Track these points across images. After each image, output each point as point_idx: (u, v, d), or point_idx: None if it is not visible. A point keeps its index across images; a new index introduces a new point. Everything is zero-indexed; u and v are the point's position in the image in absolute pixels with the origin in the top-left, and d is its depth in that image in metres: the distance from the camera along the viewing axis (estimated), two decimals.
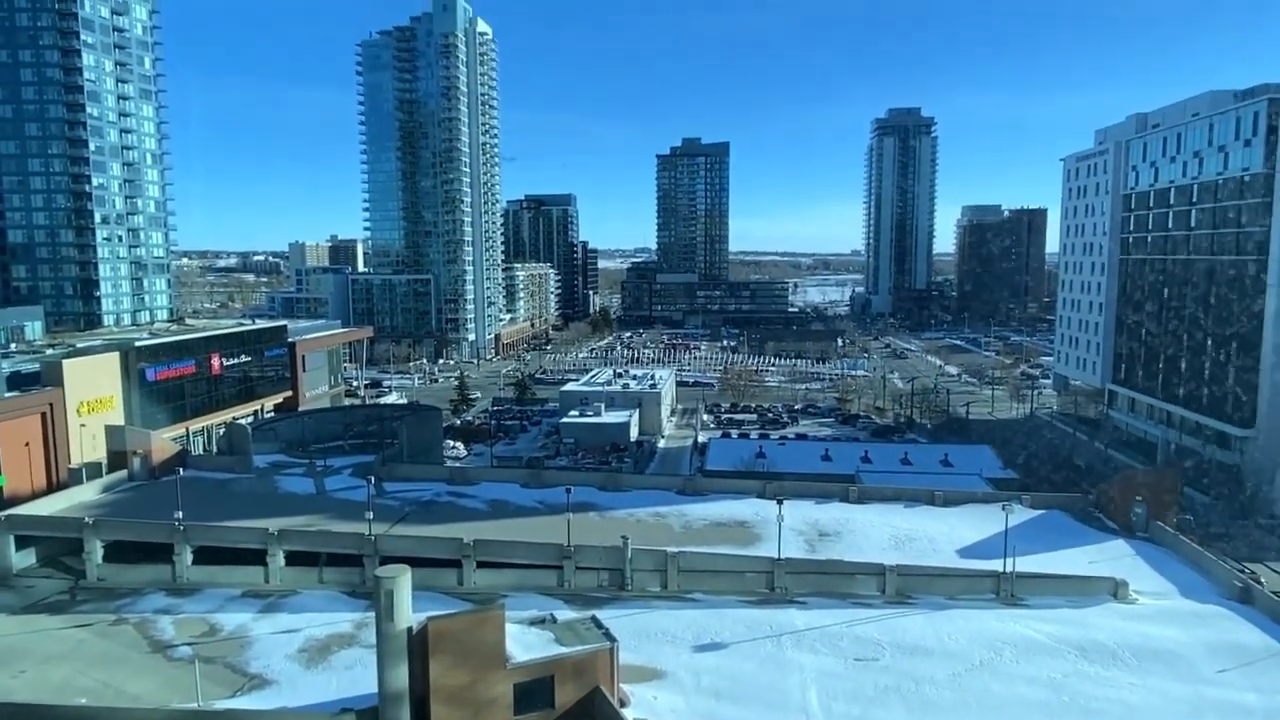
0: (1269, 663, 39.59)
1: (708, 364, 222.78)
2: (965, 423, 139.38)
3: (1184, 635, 42.22)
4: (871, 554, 51.84)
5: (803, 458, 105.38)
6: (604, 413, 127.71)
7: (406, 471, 69.04)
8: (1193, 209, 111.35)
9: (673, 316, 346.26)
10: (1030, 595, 47.34)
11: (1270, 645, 41.17)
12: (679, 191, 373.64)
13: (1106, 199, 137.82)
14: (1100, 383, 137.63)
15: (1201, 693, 36.89)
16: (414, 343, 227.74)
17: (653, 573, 48.96)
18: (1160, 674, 38.53)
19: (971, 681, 38.24)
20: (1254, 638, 42.04)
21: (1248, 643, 41.51)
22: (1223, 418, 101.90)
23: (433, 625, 33.52)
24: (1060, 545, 55.05)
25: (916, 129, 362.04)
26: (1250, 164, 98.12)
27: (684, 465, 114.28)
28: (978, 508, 61.91)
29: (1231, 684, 37.69)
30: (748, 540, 54.80)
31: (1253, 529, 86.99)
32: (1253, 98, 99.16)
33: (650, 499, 63.50)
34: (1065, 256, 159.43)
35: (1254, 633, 42.57)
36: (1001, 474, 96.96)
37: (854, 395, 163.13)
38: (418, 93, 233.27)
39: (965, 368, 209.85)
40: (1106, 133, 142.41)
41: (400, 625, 33.26)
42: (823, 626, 43.45)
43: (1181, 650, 40.68)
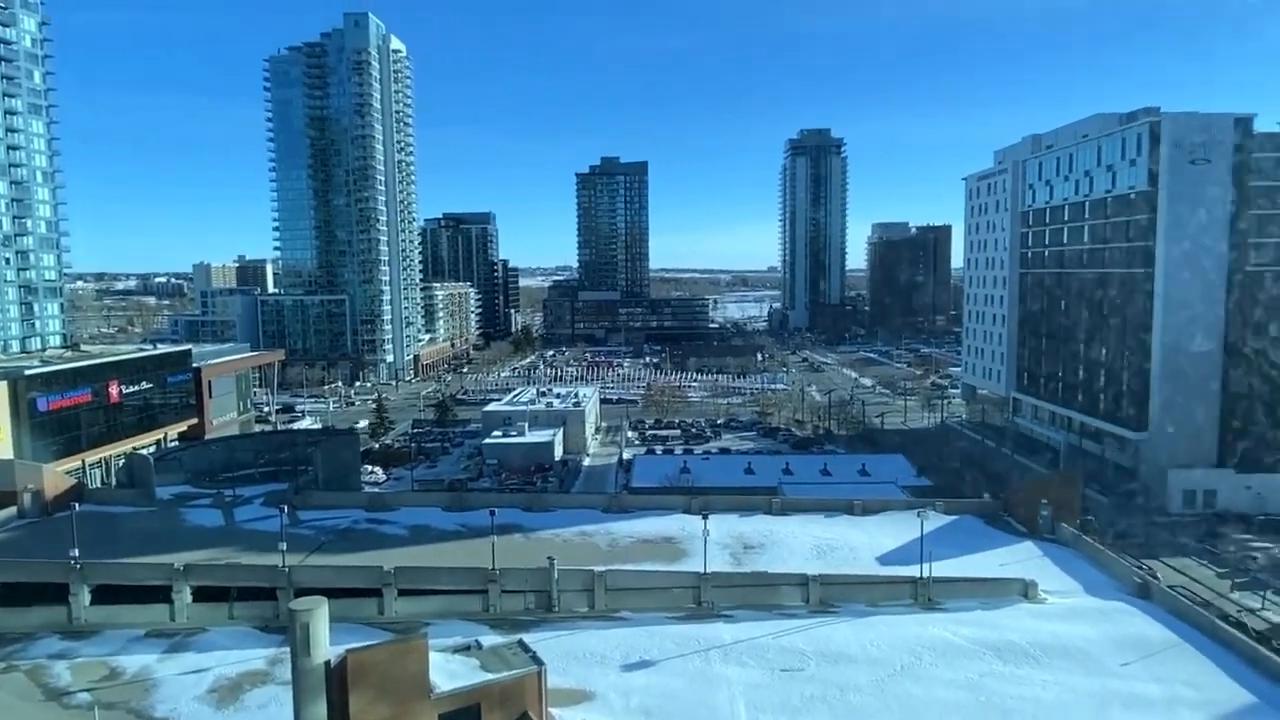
0: (1167, 654, 41.73)
1: (631, 381, 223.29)
2: (880, 433, 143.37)
3: (1090, 631, 44.13)
4: (795, 564, 52.59)
5: (726, 471, 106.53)
6: (528, 432, 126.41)
7: (322, 499, 66.73)
8: (1085, 225, 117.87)
9: (595, 334, 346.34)
10: (946, 599, 48.74)
11: (1168, 637, 43.40)
12: (599, 210, 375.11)
13: (1006, 216, 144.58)
14: (1005, 391, 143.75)
15: (1108, 686, 38.57)
16: (329, 365, 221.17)
17: (580, 593, 48.48)
18: (1069, 670, 40.14)
19: (894, 686, 39.05)
20: (1153, 631, 44.26)
21: (1148, 636, 43.68)
22: (1118, 422, 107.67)
23: (352, 658, 32.29)
24: (973, 549, 56.98)
25: (827, 149, 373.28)
26: (1136, 182, 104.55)
27: (609, 483, 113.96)
28: (894, 515, 63.56)
29: (1135, 676, 39.54)
30: (674, 556, 54.88)
31: (1148, 527, 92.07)
32: (1136, 120, 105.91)
33: (576, 518, 62.99)
34: (969, 271, 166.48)
35: (1153, 626, 44.82)
36: (916, 482, 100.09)
37: (774, 408, 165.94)
38: (329, 109, 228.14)
39: (879, 379, 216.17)
40: (1005, 153, 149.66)
41: (317, 659, 31.93)
42: (750, 639, 43.74)
43: (1088, 646, 42.50)
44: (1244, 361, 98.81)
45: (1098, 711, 36.14)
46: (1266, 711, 36.05)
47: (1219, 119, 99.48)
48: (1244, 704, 36.83)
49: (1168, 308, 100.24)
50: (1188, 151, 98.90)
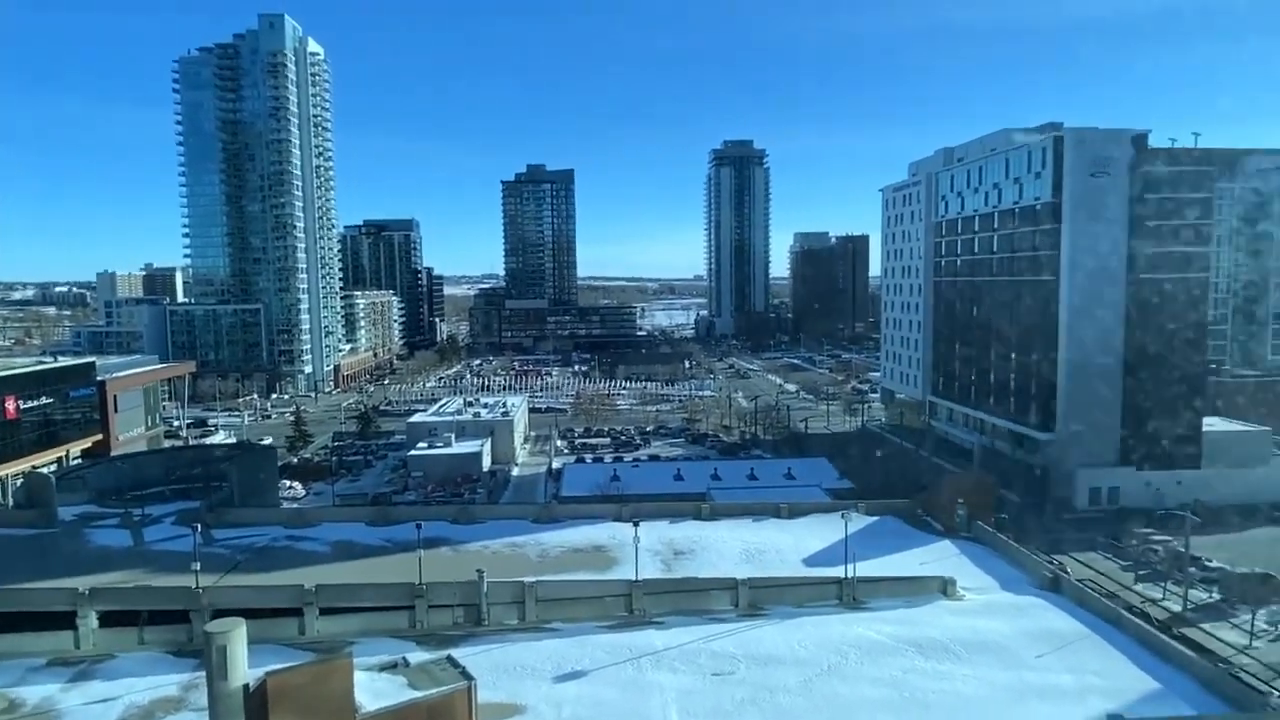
0: (1078, 645, 43.69)
1: (560, 389, 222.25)
2: (805, 437, 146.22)
3: (1006, 626, 45.86)
4: (725, 569, 53.13)
5: (656, 478, 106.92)
6: (454, 443, 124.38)
7: (238, 516, 64.27)
8: (995, 235, 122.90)
9: (523, 343, 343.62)
10: (870, 598, 49.98)
11: (1079, 629, 45.45)
12: (526, 218, 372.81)
13: (920, 226, 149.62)
14: (922, 395, 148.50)
15: (1023, 678, 40.12)
16: (243, 377, 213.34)
17: (510, 605, 47.92)
18: (987, 664, 41.61)
19: (821, 686, 39.79)
20: (1065, 623, 46.28)
21: (1060, 628, 45.65)
22: (1027, 424, 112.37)
23: (272, 680, 31.16)
24: (894, 549, 58.58)
25: (750, 160, 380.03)
26: (1041, 194, 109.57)
27: (539, 492, 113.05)
28: (819, 517, 64.86)
29: (1049, 668, 41.25)
30: (605, 564, 54.77)
31: (1057, 523, 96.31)
32: (1041, 134, 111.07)
33: (505, 529, 62.27)
34: (887, 279, 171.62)
35: (1064, 618, 46.87)
36: (839, 484, 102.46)
37: (702, 415, 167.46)
38: (243, 113, 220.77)
39: (803, 385, 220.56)
40: (919, 165, 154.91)
41: (235, 683, 30.71)
42: (681, 645, 43.96)
43: (1004, 640, 44.15)
44: (1141, 366, 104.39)
45: (1014, 703, 37.54)
46: (1169, 697, 38.06)
47: (1117, 134, 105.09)
48: (1148, 691, 38.80)
49: (1071, 314, 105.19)
50: (1088, 165, 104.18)
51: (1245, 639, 65.64)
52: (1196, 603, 72.82)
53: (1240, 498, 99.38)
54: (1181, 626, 64.65)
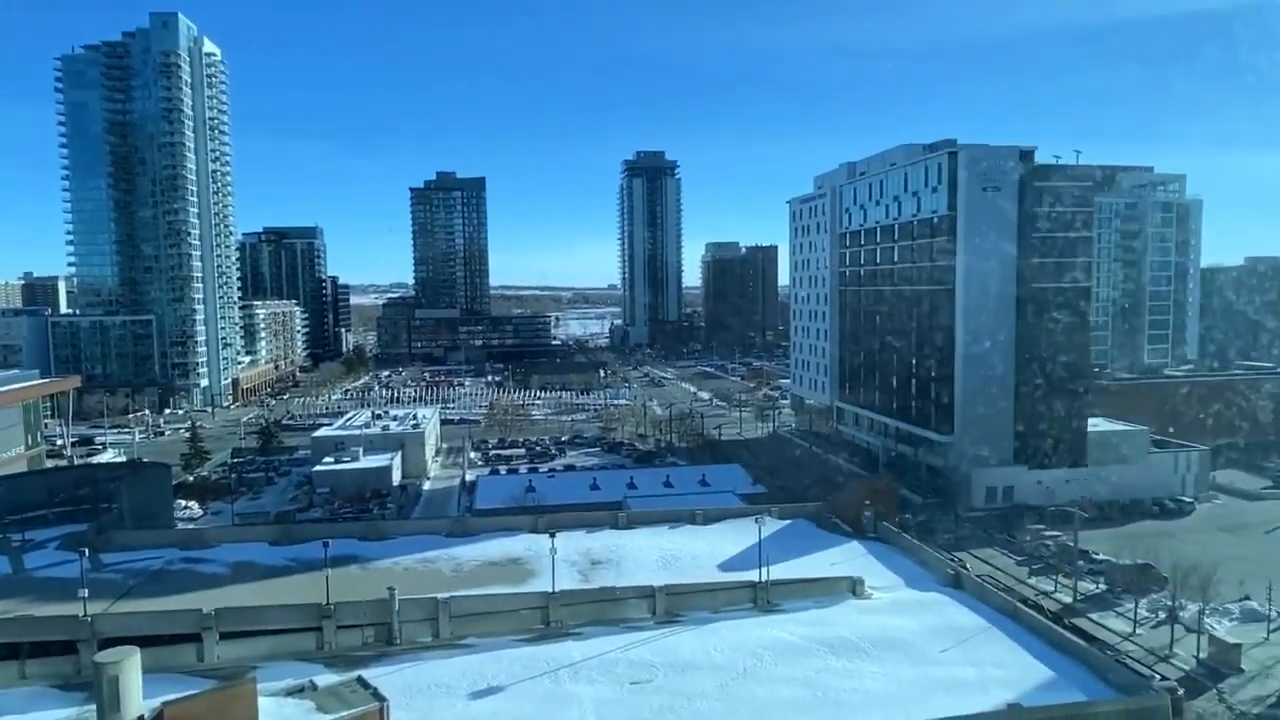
0: (978, 638, 45.64)
1: (473, 400, 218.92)
2: (718, 444, 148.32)
3: (912, 623, 47.51)
4: (642, 577, 53.29)
5: (572, 488, 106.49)
6: (362, 457, 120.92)
7: (129, 539, 60.75)
8: (895, 246, 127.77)
9: (434, 353, 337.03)
10: (783, 600, 50.98)
11: (979, 623, 47.50)
12: (436, 225, 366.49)
13: (826, 237, 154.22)
14: (830, 400, 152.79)
15: (929, 673, 41.63)
16: (133, 392, 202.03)
17: (423, 622, 46.82)
18: (895, 660, 43.01)
19: (737, 690, 40.34)
20: (966, 618, 48.29)
21: (962, 623, 47.60)
22: (928, 427, 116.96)
23: (169, 710, 29.63)
24: (805, 551, 60.00)
25: (662, 171, 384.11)
26: (937, 207, 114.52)
27: (452, 506, 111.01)
28: (734, 523, 65.88)
29: (952, 662, 42.93)
30: (522, 577, 54.18)
31: (957, 522, 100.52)
32: (937, 151, 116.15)
33: (417, 545, 60.89)
34: (795, 289, 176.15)
35: (966, 613, 48.90)
36: (752, 489, 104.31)
37: (618, 423, 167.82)
38: (133, 114, 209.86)
39: (716, 393, 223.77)
40: (824, 178, 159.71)
41: (129, 715, 29.09)
42: (599, 655, 43.83)
43: (910, 637, 45.73)
44: (1031, 370, 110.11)
45: (921, 698, 38.87)
46: (1062, 685, 40.16)
47: (1006, 150, 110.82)
48: (1044, 680, 40.85)
49: (966, 322, 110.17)
50: (980, 180, 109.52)
51: (1129, 626, 69.89)
52: (1085, 594, 77.14)
53: (1122, 493, 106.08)
54: (1072, 617, 68.45)
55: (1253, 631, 67.37)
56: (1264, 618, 68.97)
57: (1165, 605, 69.51)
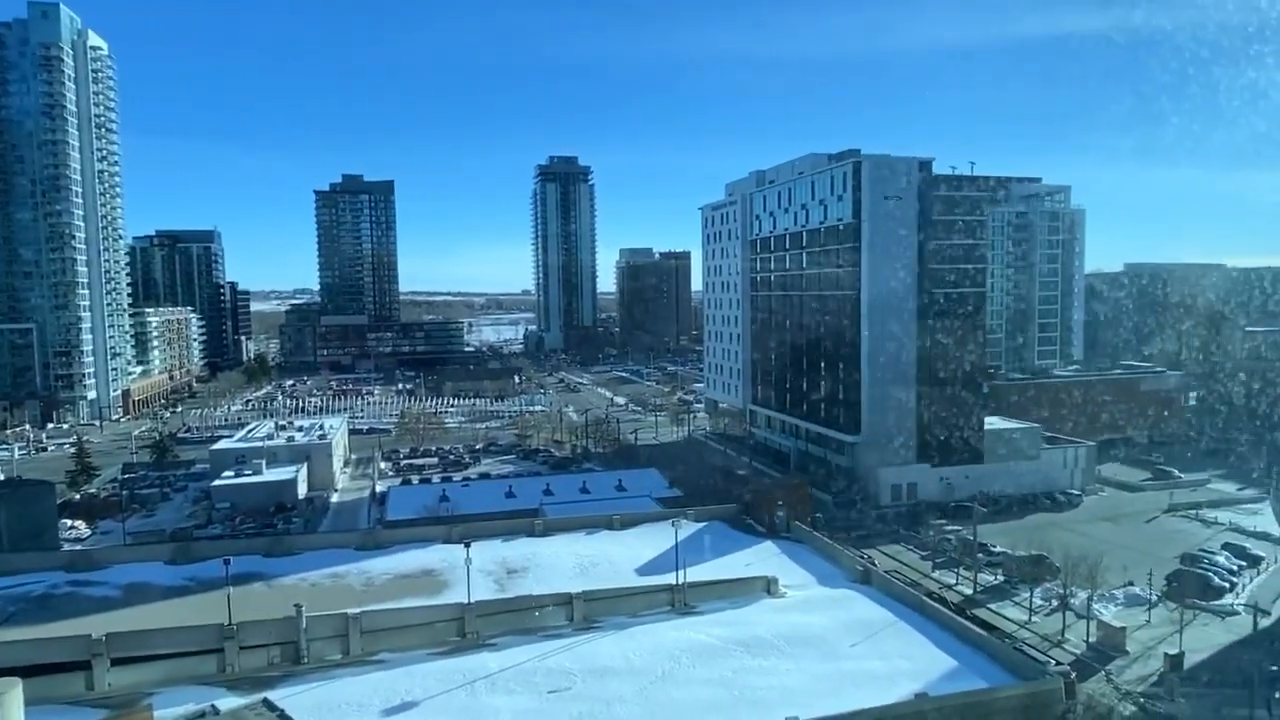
0: (886, 632, 47.25)
1: (383, 409, 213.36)
2: (635, 448, 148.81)
3: (823, 619, 48.82)
4: (559, 584, 53.07)
5: (487, 497, 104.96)
6: (265, 470, 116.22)
7: (9, 563, 56.94)
8: (804, 252, 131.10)
9: (341, 361, 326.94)
10: (700, 602, 51.63)
11: (887, 617, 49.16)
12: (342, 229, 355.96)
13: (737, 244, 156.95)
14: (743, 404, 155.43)
15: (840, 667, 42.86)
16: (12, 406, 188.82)
17: (332, 639, 45.41)
18: (809, 656, 44.10)
19: (656, 693, 40.58)
20: (874, 612, 49.91)
21: (870, 618, 49.18)
22: (836, 427, 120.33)
23: None
24: (721, 552, 60.95)
25: (575, 176, 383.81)
26: (843, 215, 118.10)
27: (362, 518, 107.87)
28: (651, 527, 66.37)
29: (862, 655, 44.31)
30: (436, 589, 53.17)
31: (866, 519, 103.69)
32: (842, 160, 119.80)
33: (325, 559, 59.07)
34: (709, 294, 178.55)
35: (874, 608, 50.55)
36: (668, 493, 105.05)
37: (533, 430, 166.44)
38: (10, 110, 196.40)
39: (632, 397, 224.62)
40: (734, 186, 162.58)
41: None
42: (516, 665, 43.40)
43: (823, 632, 46.98)
44: (932, 372, 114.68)
45: (833, 692, 39.96)
46: (965, 673, 41.96)
47: (906, 161, 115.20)
48: (948, 669, 42.59)
49: (872, 326, 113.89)
50: (883, 189, 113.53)
51: (1026, 615, 73.47)
52: (985, 585, 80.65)
53: (1017, 488, 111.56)
54: (973, 608, 71.45)
55: (1136, 615, 71.88)
56: (1146, 602, 73.64)
57: (1058, 593, 73.33)
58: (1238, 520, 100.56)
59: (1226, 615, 72.26)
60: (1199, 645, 65.30)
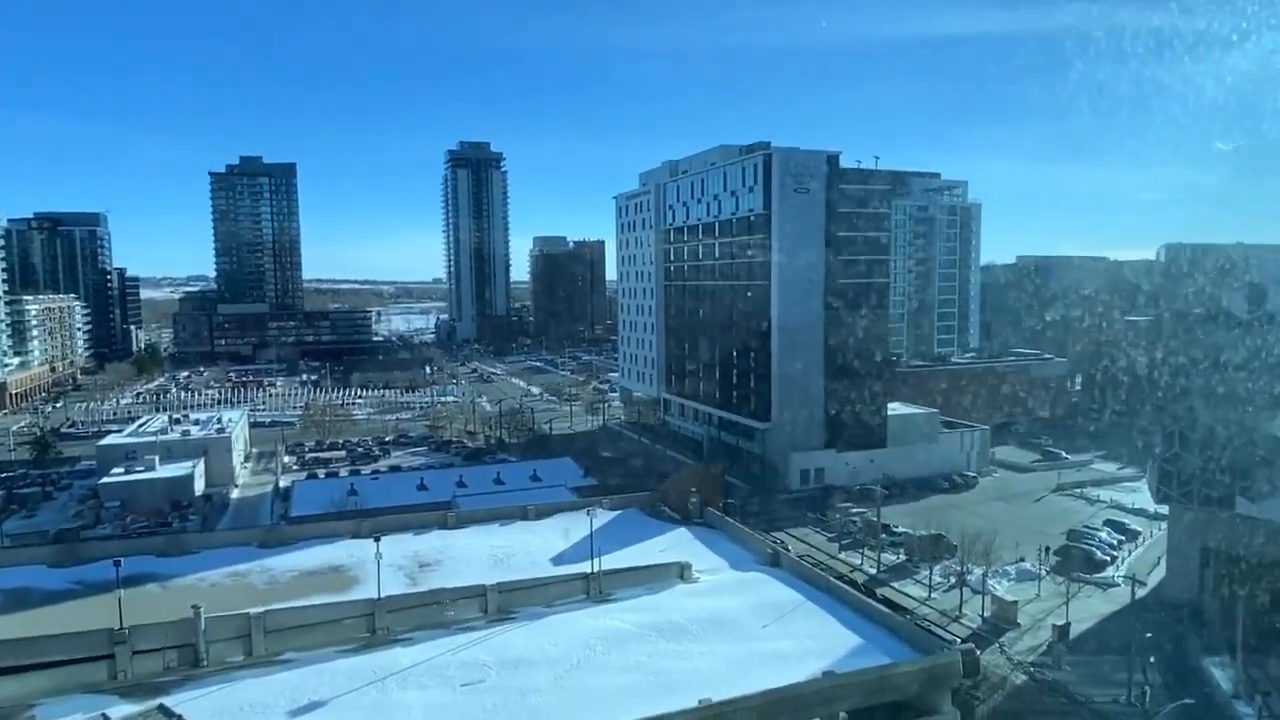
0: (795, 613, 48.61)
1: (286, 401, 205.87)
2: (550, 438, 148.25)
3: (735, 602, 49.85)
4: (473, 577, 52.47)
5: (398, 490, 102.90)
6: (159, 466, 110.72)
7: None
8: (716, 243, 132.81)
9: (241, 351, 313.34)
10: (615, 589, 51.94)
11: (796, 598, 50.56)
12: (241, 214, 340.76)
13: (651, 233, 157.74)
14: (657, 393, 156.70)
15: (751, 649, 43.87)
16: None
17: (233, 640, 43.71)
18: (721, 639, 44.98)
19: (572, 681, 40.68)
20: (784, 594, 51.26)
21: (780, 599, 50.48)
22: (748, 415, 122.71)
23: None
24: (636, 539, 61.42)
25: (487, 163, 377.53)
26: (754, 206, 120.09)
27: (265, 514, 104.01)
28: (566, 516, 66.27)
29: (772, 636, 45.47)
30: (344, 585, 51.83)
31: (776, 504, 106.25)
32: (753, 153, 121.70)
33: (225, 558, 56.78)
34: (623, 284, 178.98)
35: (784, 590, 51.90)
36: (583, 482, 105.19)
37: (445, 421, 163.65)
38: None
39: (546, 387, 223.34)
40: (648, 176, 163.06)
41: None
42: (428, 659, 42.76)
43: (735, 615, 47.98)
44: (838, 360, 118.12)
45: (744, 673, 40.86)
46: (870, 650, 43.59)
47: (814, 155, 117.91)
48: (854, 646, 44.17)
49: (782, 316, 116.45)
50: (792, 182, 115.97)
51: (926, 592, 76.80)
52: (888, 565, 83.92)
53: (917, 471, 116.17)
54: (877, 587, 74.16)
55: (1027, 589, 76.06)
56: (1036, 576, 78.00)
57: (955, 571, 76.94)
58: (1118, 498, 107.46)
59: (1108, 587, 77.25)
60: (1083, 616, 69.65)
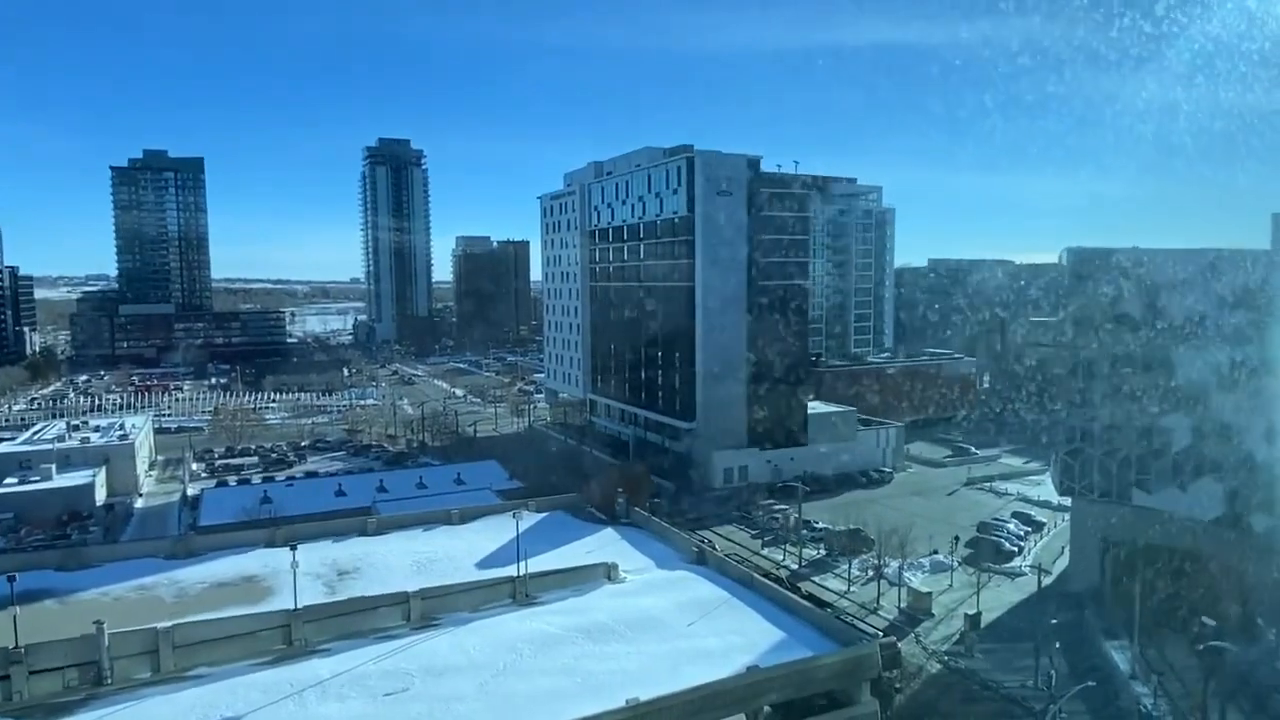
0: (720, 610, 49.28)
1: (194, 406, 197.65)
2: (474, 441, 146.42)
3: (661, 600, 50.23)
4: (395, 584, 51.43)
5: (315, 496, 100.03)
6: (56, 475, 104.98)
7: None
8: (641, 244, 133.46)
9: (145, 354, 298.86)
10: (542, 592, 51.68)
11: (721, 595, 51.25)
12: (145, 210, 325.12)
13: (576, 234, 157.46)
14: (583, 394, 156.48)
15: (678, 646, 44.28)
16: None
17: (139, 657, 41.79)
18: (648, 639, 45.24)
19: (498, 687, 40.30)
20: (709, 591, 51.89)
21: (705, 596, 51.10)
22: (673, 415, 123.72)
23: None
24: (563, 541, 61.22)
25: (407, 160, 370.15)
26: (678, 208, 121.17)
27: (172, 524, 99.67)
28: (491, 519, 65.60)
29: (698, 634, 45.98)
30: (259, 596, 50.13)
31: (701, 502, 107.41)
32: (677, 155, 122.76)
33: (130, 570, 54.23)
34: (548, 284, 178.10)
35: (709, 587, 52.55)
36: (509, 485, 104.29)
37: (365, 425, 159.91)
38: None
39: (470, 389, 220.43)
40: (573, 176, 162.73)
41: None
42: (349, 670, 41.73)
43: (661, 614, 48.34)
44: (761, 360, 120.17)
45: (671, 671, 41.24)
46: (792, 643, 44.53)
47: (735, 158, 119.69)
48: (778, 640, 45.05)
49: (705, 316, 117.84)
50: (715, 184, 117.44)
51: (845, 585, 78.86)
52: (809, 560, 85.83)
53: (837, 468, 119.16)
54: (800, 582, 75.77)
55: (940, 580, 78.94)
56: (948, 568, 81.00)
57: (873, 564, 79.24)
58: (1024, 491, 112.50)
59: (1016, 576, 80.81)
60: (993, 605, 72.75)
